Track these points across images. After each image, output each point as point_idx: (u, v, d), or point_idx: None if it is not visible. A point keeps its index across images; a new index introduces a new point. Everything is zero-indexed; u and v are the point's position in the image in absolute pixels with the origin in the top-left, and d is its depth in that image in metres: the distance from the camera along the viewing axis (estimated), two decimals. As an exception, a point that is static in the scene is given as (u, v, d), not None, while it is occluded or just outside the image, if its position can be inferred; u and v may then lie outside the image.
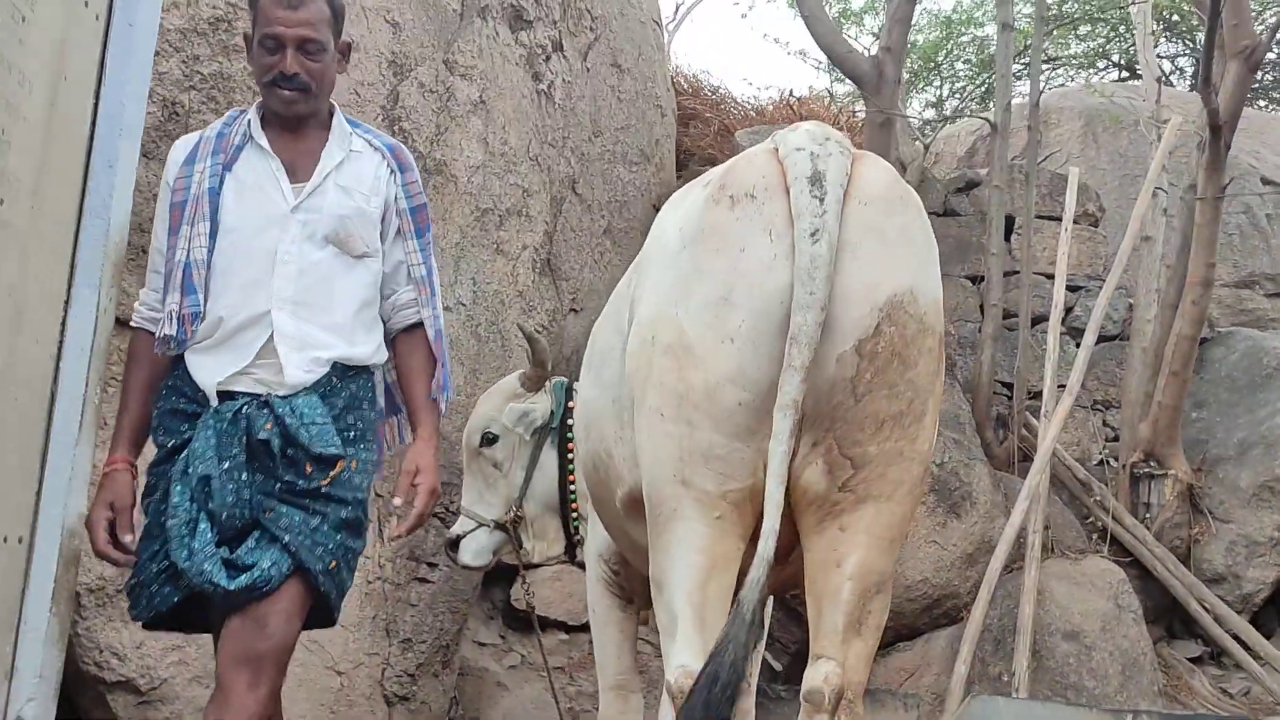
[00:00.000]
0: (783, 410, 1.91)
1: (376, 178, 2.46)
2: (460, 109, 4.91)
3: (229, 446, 2.21)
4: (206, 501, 2.18)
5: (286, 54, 2.33)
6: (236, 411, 2.23)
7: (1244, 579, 5.33)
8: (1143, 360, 5.70)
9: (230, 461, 2.20)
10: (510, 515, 3.81)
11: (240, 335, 2.29)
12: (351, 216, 2.38)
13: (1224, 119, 4.94)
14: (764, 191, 2.02)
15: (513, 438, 3.82)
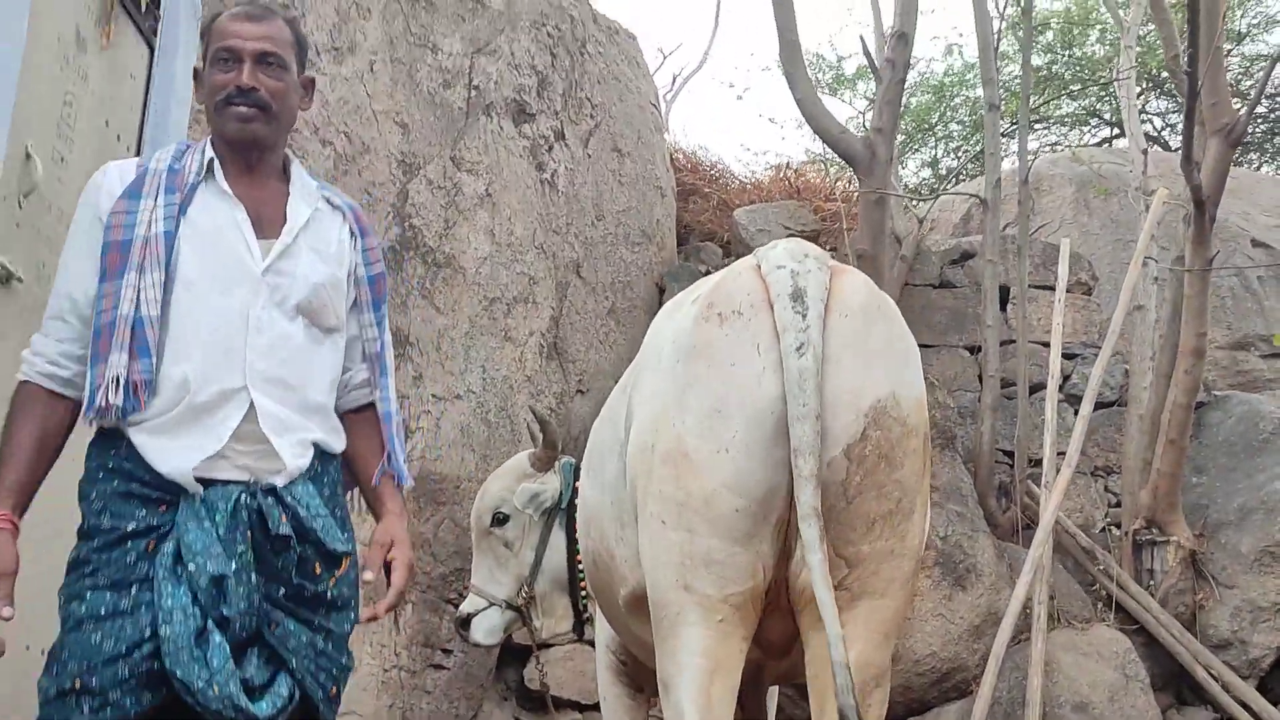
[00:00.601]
0: (807, 520, 2.01)
1: (340, 241, 2.19)
2: (467, 203, 5.10)
3: (234, 543, 1.92)
4: (216, 607, 1.87)
5: (244, 67, 2.06)
6: (235, 501, 1.94)
7: (1250, 644, 5.36)
8: (1140, 428, 5.79)
9: (238, 561, 1.91)
10: (522, 596, 3.89)
11: (210, 413, 1.97)
12: (326, 285, 2.12)
13: (1208, 194, 5.09)
14: (750, 308, 2.16)
15: (523, 518, 3.89)
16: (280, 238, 2.08)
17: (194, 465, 1.94)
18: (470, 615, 3.94)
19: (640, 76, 7.14)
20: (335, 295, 2.13)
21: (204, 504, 1.93)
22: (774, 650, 2.32)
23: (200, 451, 1.94)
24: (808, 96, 6.37)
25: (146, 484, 1.94)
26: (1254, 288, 7.79)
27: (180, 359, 1.97)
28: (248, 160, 2.11)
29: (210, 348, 1.98)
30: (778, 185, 9.18)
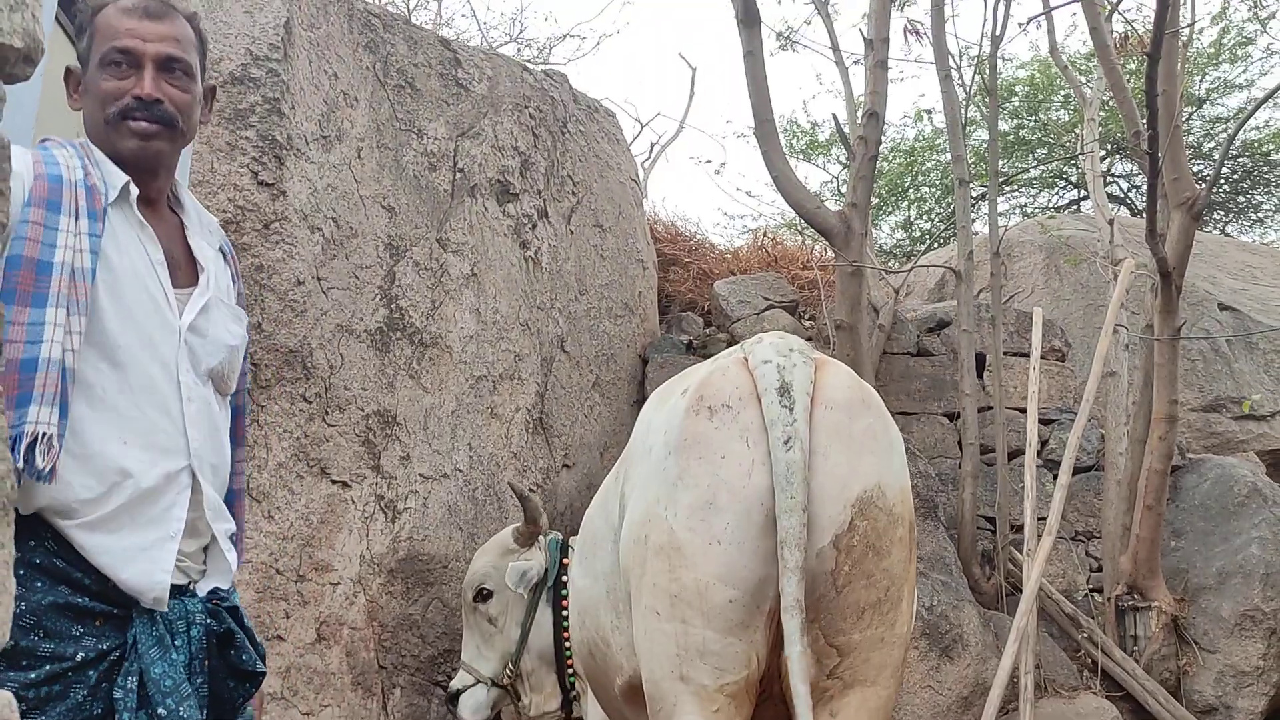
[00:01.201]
0: (789, 612, 2.08)
1: (228, 288, 1.89)
2: (453, 283, 5.18)
3: (195, 674, 1.65)
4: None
5: (145, 74, 1.72)
6: (189, 619, 1.65)
7: (1235, 710, 5.40)
8: (1118, 493, 5.88)
9: (198, 697, 1.63)
10: (508, 675, 3.91)
11: (156, 501, 1.65)
12: (239, 348, 1.86)
13: (1173, 265, 5.24)
14: (738, 402, 2.24)
15: (507, 594, 3.92)
16: (198, 288, 1.77)
17: (164, 576, 1.60)
18: (459, 692, 3.97)
19: (620, 153, 7.30)
20: (239, 358, 1.87)
21: (165, 623, 1.61)
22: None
23: (159, 554, 1.61)
24: (783, 173, 6.50)
25: (89, 593, 1.57)
26: (1223, 350, 7.95)
27: (113, 433, 1.60)
28: (146, 186, 1.75)
29: (151, 422, 1.65)
30: (755, 254, 9.36)
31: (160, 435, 1.66)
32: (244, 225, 4.15)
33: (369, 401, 4.60)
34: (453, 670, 4.54)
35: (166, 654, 1.59)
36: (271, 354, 4.26)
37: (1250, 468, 6.28)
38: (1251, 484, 5.94)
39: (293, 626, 4.14)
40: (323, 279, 4.51)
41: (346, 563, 4.37)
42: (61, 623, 1.53)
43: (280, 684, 4.06)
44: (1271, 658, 5.45)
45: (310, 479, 4.33)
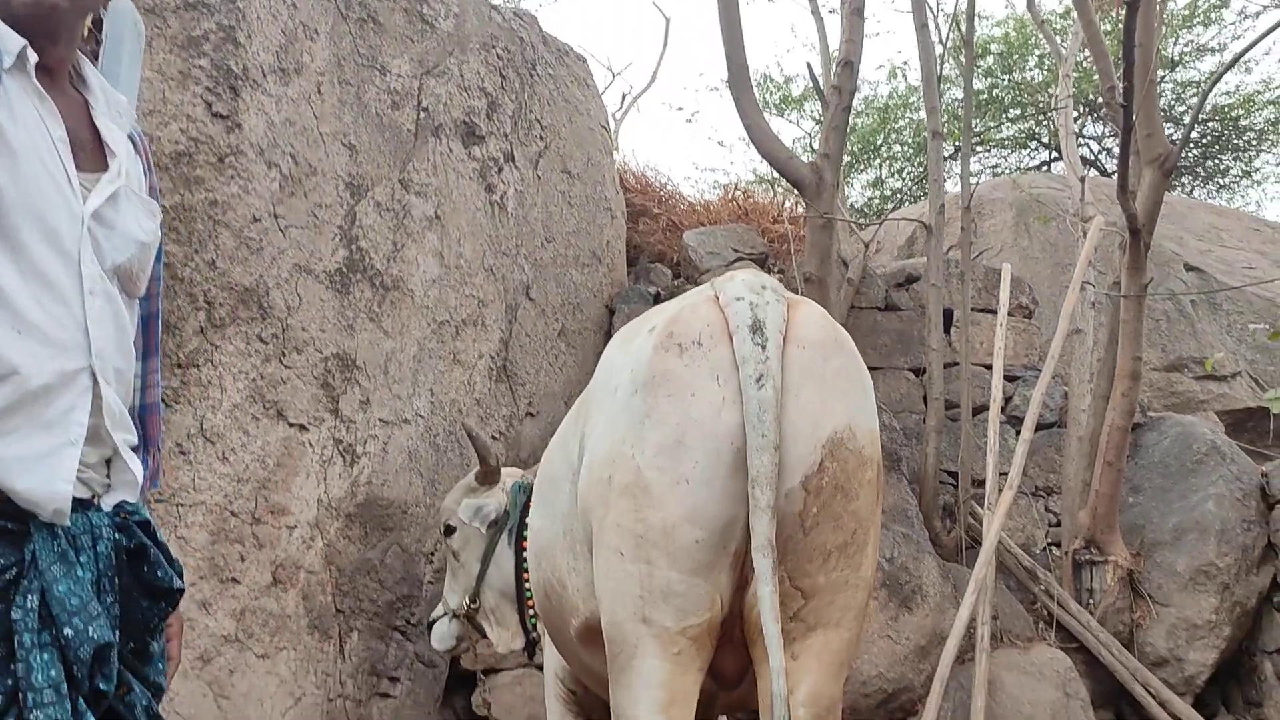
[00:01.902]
0: (760, 551, 2.02)
1: (140, 179, 1.68)
2: (416, 225, 5.07)
3: (105, 593, 1.49)
4: (91, 682, 1.43)
5: None
6: (94, 534, 1.49)
7: (1186, 662, 5.48)
8: (1079, 449, 5.91)
9: (108, 616, 1.47)
10: (465, 606, 3.91)
11: (52, 402, 1.44)
12: (151, 245, 1.64)
13: (1142, 222, 5.23)
14: (709, 339, 2.17)
15: (468, 531, 3.92)
16: (107, 175, 1.55)
17: (66, 485, 1.42)
18: (434, 621, 4.00)
19: (590, 99, 7.17)
20: (151, 257, 1.67)
21: (68, 537, 1.44)
22: (727, 681, 2.33)
23: (58, 462, 1.42)
24: (755, 123, 6.42)
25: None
26: (1187, 311, 8.00)
27: (3, 321, 1.39)
28: (44, 53, 1.49)
29: (46, 314, 1.43)
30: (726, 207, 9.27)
31: (57, 329, 1.44)
32: (197, 158, 4.01)
33: (328, 344, 4.50)
34: (411, 615, 4.50)
35: (71, 570, 1.42)
36: (226, 292, 4.15)
37: (1209, 426, 6.33)
38: (1210, 442, 5.99)
39: (248, 569, 4.07)
40: (280, 217, 4.38)
41: (303, 506, 4.30)
42: None
43: (235, 626, 4.00)
44: (1224, 612, 5.53)
45: (266, 421, 4.24)
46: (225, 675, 3.94)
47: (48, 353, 1.42)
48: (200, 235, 4.08)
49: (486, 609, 3.90)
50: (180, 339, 4.01)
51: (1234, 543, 5.60)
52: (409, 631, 4.53)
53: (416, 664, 4.52)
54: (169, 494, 3.89)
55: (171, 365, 4.00)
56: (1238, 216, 10.49)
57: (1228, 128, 15.38)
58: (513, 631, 3.92)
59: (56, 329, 1.44)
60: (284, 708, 4.07)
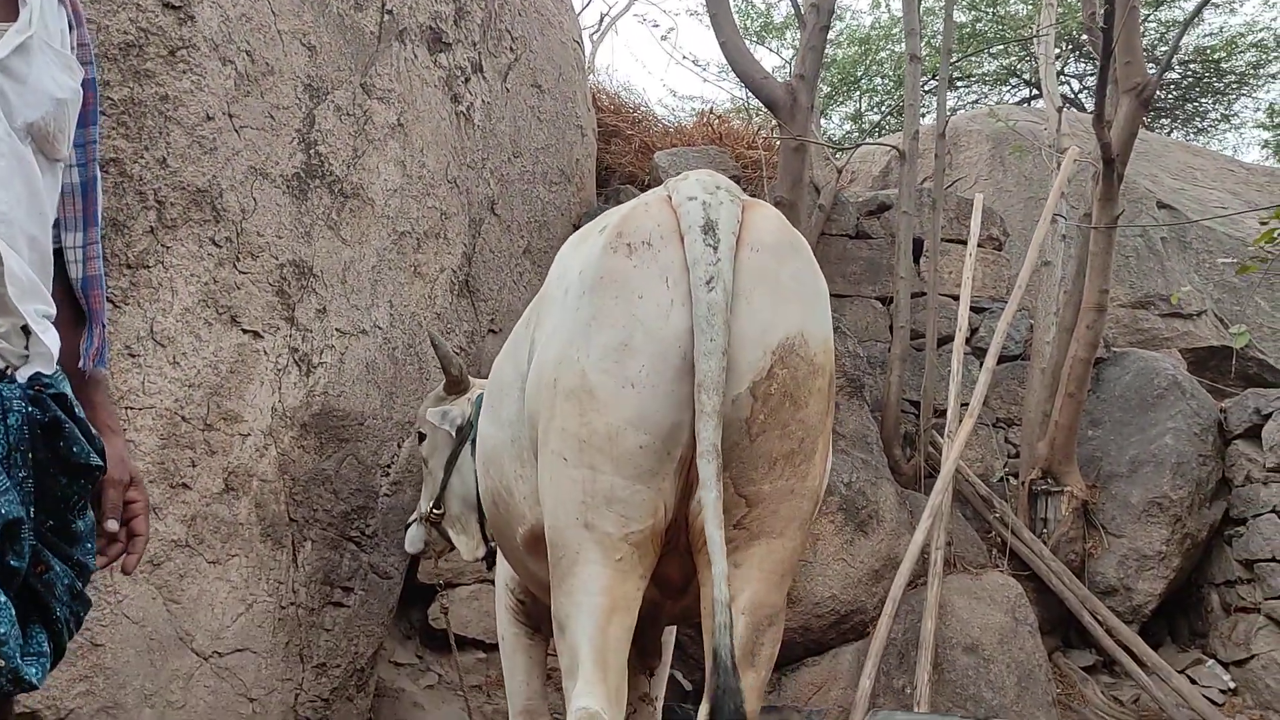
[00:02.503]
0: (705, 456, 1.98)
1: (62, 35, 1.59)
2: (378, 132, 4.93)
3: (18, 468, 1.42)
4: (2, 559, 1.38)
5: None
6: (3, 406, 1.42)
7: (1135, 591, 5.57)
8: (1041, 381, 5.93)
9: (19, 492, 1.41)
10: (429, 511, 3.92)
11: None
12: (70, 102, 1.56)
13: (1117, 152, 5.18)
14: (660, 239, 2.11)
15: (437, 437, 3.92)
16: (16, 24, 1.46)
17: None
18: (409, 525, 4.12)
19: (564, 12, 6.98)
20: (71, 116, 1.57)
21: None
22: (672, 589, 2.31)
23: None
24: (732, 41, 6.29)
25: None
26: (1157, 248, 8.00)
27: None
28: None
29: None
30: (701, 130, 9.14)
31: None
32: (147, 50, 3.86)
33: (284, 250, 4.39)
34: (366, 526, 4.48)
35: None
36: (178, 192, 4.02)
37: (1172, 363, 6.37)
38: (1171, 377, 6.02)
39: (199, 475, 4.01)
40: (234, 116, 4.24)
41: (257, 414, 4.23)
42: None
43: (186, 531, 3.95)
44: (1174, 543, 5.61)
45: (219, 327, 4.15)
46: (175, 580, 3.90)
47: None
48: (150, 131, 3.95)
49: (452, 515, 3.92)
50: (129, 238, 3.90)
51: (1189, 476, 5.67)
52: (363, 543, 4.50)
53: (371, 575, 4.51)
54: (117, 396, 3.81)
55: (120, 265, 3.89)
56: (1212, 157, 10.46)
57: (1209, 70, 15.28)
58: (476, 540, 3.94)
59: None
60: (235, 614, 4.05)
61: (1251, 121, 16.67)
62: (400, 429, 4.75)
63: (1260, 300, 7.98)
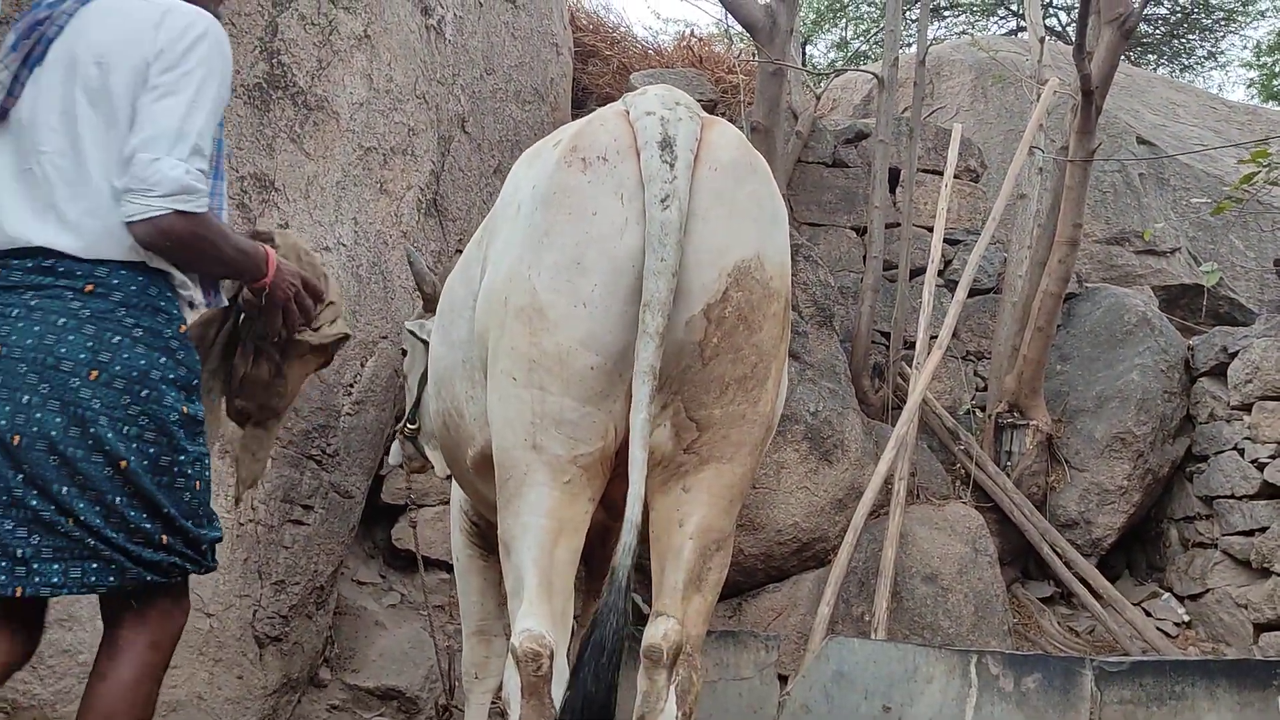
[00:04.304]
0: (641, 377, 1.94)
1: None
2: (343, 43, 4.79)
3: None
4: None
5: None
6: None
7: (1094, 525, 5.63)
8: (1012, 315, 5.92)
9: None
10: (407, 429, 3.90)
11: None
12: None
13: (1096, 84, 5.10)
14: (615, 155, 2.05)
15: (416, 351, 3.88)
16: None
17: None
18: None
19: (540, -76, 6.77)
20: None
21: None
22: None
23: None
24: (711, -43, 6.13)
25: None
26: (1135, 184, 7.95)
27: None
28: None
29: None
30: (681, 53, 8.97)
31: None
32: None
33: (244, 162, 4.29)
34: (327, 445, 4.45)
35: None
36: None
37: (1143, 299, 6.36)
38: (1142, 314, 6.02)
39: (155, 391, 3.95)
40: (194, 21, 4.10)
41: (216, 330, 4.16)
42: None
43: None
44: (1135, 478, 5.66)
45: (177, 239, 4.05)
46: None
47: None
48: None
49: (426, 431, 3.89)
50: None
51: (1153, 412, 5.70)
52: (324, 461, 4.47)
53: (331, 494, 4.48)
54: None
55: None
56: (1195, 93, 10.37)
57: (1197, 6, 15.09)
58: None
59: None
60: (193, 531, 4.04)
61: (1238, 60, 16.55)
62: (364, 348, 4.69)
63: (1234, 239, 7.98)
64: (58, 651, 3.50)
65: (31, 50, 2.06)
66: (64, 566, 1.90)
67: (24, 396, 1.91)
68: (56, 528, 1.90)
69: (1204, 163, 8.02)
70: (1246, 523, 5.31)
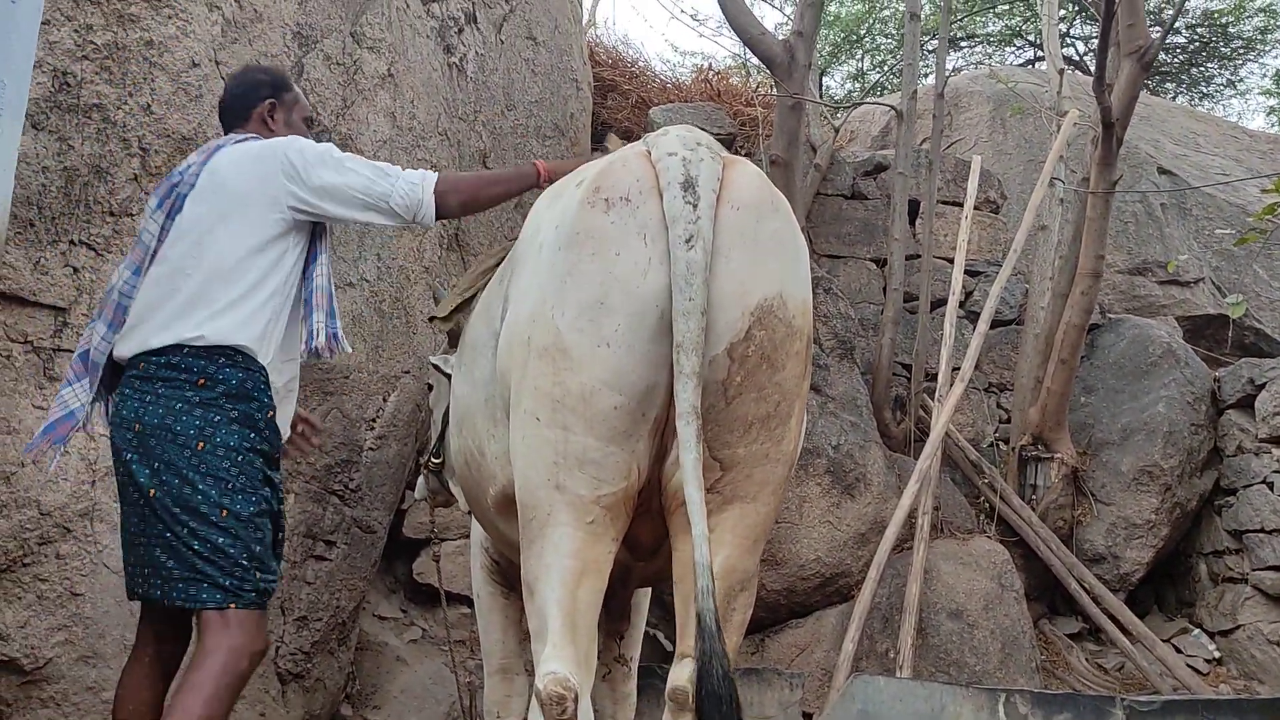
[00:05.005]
0: (685, 418, 1.93)
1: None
2: (368, 82, 4.85)
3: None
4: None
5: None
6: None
7: (1122, 559, 5.57)
8: (1035, 346, 5.89)
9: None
10: (428, 459, 3.89)
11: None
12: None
13: (1117, 116, 5.10)
14: (638, 195, 2.06)
15: (441, 386, 3.89)
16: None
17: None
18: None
19: (560, -38, 6.85)
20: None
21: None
22: (643, 552, 2.28)
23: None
24: (730, -6, 6.18)
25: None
26: (1156, 214, 7.92)
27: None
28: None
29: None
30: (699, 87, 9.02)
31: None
32: (130, -7, 3.77)
33: (269, 200, 4.33)
34: (350, 480, 4.46)
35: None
36: (163, 139, 3.95)
37: (1167, 330, 6.32)
38: (1166, 345, 5.98)
39: (180, 427, 3.98)
40: (222, 63, 4.16)
41: (240, 366, 4.19)
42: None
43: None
44: (1164, 512, 5.59)
45: (202, 277, 4.09)
46: (156, 532, 3.90)
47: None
48: (135, 77, 3.87)
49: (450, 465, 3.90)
50: (112, 185, 3.83)
51: (1180, 445, 5.64)
52: (347, 496, 4.48)
53: (354, 529, 4.49)
54: (98, 347, 3.77)
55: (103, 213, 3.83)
56: (1216, 123, 10.34)
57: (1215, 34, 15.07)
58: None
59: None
60: (216, 567, 4.05)
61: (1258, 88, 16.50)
62: (386, 383, 4.71)
63: (1259, 269, 7.92)
64: (81, 689, 3.51)
65: (173, 205, 2.64)
66: (185, 586, 2.44)
67: (156, 463, 2.47)
68: (182, 558, 2.44)
69: (1226, 192, 7.98)
70: (1277, 557, 5.24)
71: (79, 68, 3.66)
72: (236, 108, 3.03)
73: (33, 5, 2.70)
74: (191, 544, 2.43)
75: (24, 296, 3.48)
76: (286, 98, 3.03)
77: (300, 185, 2.62)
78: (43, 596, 3.48)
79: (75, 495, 3.55)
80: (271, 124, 2.97)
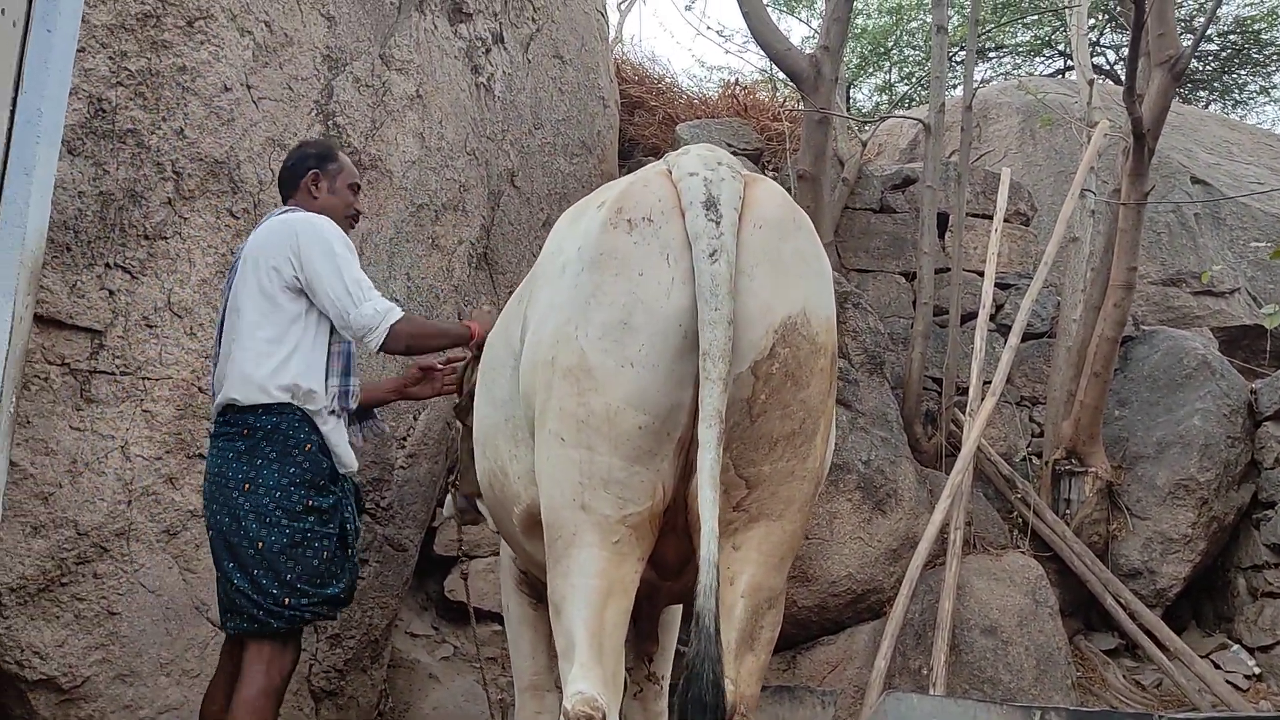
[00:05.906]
0: (707, 420, 1.93)
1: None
2: (396, 104, 4.90)
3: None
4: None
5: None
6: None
7: (1159, 574, 5.49)
8: (1067, 359, 5.84)
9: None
10: (455, 478, 3.91)
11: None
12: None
13: (1148, 127, 5.06)
14: (660, 215, 2.07)
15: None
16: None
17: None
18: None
19: (586, -19, 6.90)
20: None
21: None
22: (669, 571, 2.28)
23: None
24: (755, 11, 6.21)
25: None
26: (1190, 225, 7.84)
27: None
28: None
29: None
30: (726, 102, 9.03)
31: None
32: (165, 21, 3.84)
33: (300, 222, 4.38)
34: (381, 499, 4.50)
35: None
36: (196, 163, 4.01)
37: (1202, 341, 6.25)
38: (1201, 357, 5.91)
39: (214, 447, 4.02)
40: (253, 87, 4.23)
41: (273, 386, 4.23)
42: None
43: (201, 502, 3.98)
44: (1200, 526, 5.52)
45: (235, 298, 4.15)
46: (191, 549, 3.93)
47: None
48: (168, 102, 3.94)
49: None
50: (147, 209, 3.89)
51: (1217, 458, 5.57)
52: (378, 515, 4.52)
53: (385, 547, 4.52)
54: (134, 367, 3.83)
55: (138, 236, 3.89)
56: (1250, 131, 10.22)
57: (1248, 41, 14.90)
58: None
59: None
60: (250, 585, 4.08)
61: (1292, 95, 16.27)
62: (417, 402, 4.74)
63: (1295, 279, 7.82)
64: (119, 707, 3.56)
65: (229, 279, 3.21)
66: (231, 615, 2.93)
67: (215, 505, 2.98)
68: (226, 590, 2.94)
69: (1261, 201, 7.89)
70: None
71: (114, 94, 3.74)
72: (287, 179, 3.40)
73: (68, 33, 2.75)
74: (233, 579, 2.90)
75: (61, 319, 3.55)
76: (330, 168, 3.36)
77: (297, 264, 3.01)
78: (80, 616, 3.53)
79: (112, 515, 3.60)
80: (315, 192, 3.32)
